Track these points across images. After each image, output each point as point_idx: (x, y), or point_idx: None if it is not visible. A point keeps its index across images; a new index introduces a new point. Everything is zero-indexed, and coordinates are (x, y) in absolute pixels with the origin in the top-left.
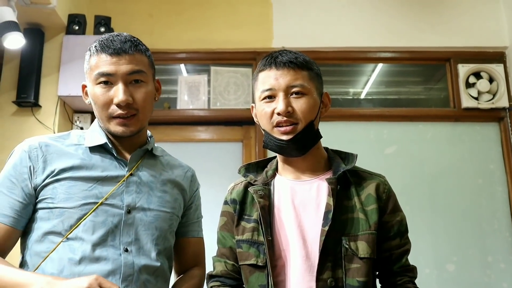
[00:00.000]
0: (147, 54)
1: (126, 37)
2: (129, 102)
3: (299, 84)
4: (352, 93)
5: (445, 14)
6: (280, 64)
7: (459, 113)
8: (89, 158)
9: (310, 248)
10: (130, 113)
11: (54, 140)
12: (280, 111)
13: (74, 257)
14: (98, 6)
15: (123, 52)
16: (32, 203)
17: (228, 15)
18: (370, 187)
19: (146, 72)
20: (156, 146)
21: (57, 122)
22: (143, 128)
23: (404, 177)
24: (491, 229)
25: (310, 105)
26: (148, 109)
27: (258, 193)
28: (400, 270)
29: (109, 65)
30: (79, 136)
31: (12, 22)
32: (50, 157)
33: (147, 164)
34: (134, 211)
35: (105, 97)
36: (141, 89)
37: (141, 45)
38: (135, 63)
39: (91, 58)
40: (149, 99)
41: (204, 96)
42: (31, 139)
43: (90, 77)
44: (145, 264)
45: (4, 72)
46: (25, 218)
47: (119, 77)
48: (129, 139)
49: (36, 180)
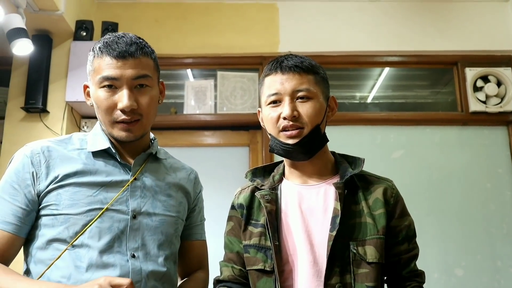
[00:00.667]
0: (153, 57)
1: (131, 39)
2: (133, 108)
3: (304, 88)
4: (359, 97)
5: (453, 18)
6: (285, 69)
7: (466, 117)
8: (93, 163)
9: (318, 253)
10: (134, 118)
11: (56, 144)
12: (286, 116)
13: (81, 265)
14: (106, 12)
15: (129, 55)
16: (35, 210)
17: (234, 20)
18: (378, 192)
19: (152, 76)
20: (160, 148)
21: (65, 127)
22: (146, 133)
23: (412, 182)
24: (500, 234)
25: (316, 109)
26: (152, 114)
27: (265, 197)
28: (408, 275)
29: (114, 69)
30: (81, 140)
31: (21, 28)
32: (53, 162)
33: (150, 168)
34: (139, 216)
35: (109, 102)
36: (146, 94)
37: (146, 47)
38: (140, 67)
39: (94, 59)
40: (154, 104)
41: (210, 101)
42: (32, 144)
43: (94, 79)
44: (153, 270)
45: (13, 78)
46: (28, 225)
47: (123, 81)
48: (132, 143)
49: (40, 186)
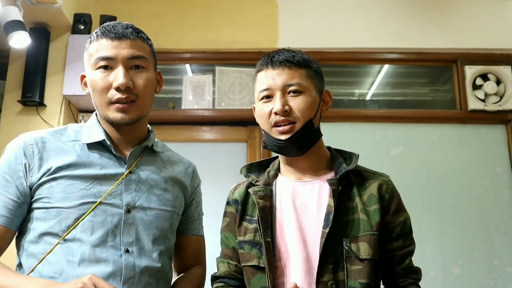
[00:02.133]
0: (149, 43)
1: (127, 24)
2: (129, 86)
3: (295, 82)
4: (358, 94)
5: (453, 16)
6: (276, 64)
7: (465, 115)
8: (87, 155)
9: (311, 250)
10: (130, 99)
11: (51, 135)
12: (277, 111)
13: (73, 259)
14: (104, 6)
15: (124, 36)
16: (27, 202)
17: (233, 15)
18: (373, 187)
19: (148, 58)
20: (157, 141)
21: (62, 121)
22: (142, 117)
23: (410, 179)
24: (497, 232)
25: (307, 103)
26: (149, 97)
27: (258, 194)
28: (403, 272)
29: (110, 49)
30: (77, 132)
31: (18, 21)
32: (47, 154)
33: (146, 161)
34: (134, 210)
35: (104, 82)
36: (142, 74)
37: (142, 33)
38: (136, 48)
39: (91, 44)
40: (150, 86)
41: (209, 96)
42: (26, 135)
43: (90, 62)
44: (147, 265)
45: (10, 71)
46: (20, 217)
47: (119, 61)
48: (128, 132)
49: (32, 178)
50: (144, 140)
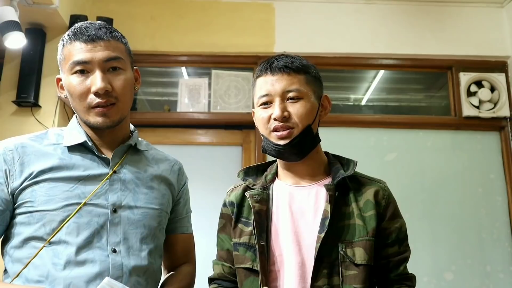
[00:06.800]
0: (123, 42)
1: (100, 24)
2: (108, 90)
3: (294, 88)
4: (353, 99)
5: (448, 23)
6: (275, 70)
7: (460, 121)
8: (69, 157)
9: (306, 255)
10: (110, 102)
11: (31, 140)
12: (276, 117)
13: (58, 262)
14: (101, 8)
15: (98, 38)
16: (9, 209)
17: (230, 19)
18: (369, 193)
19: (124, 58)
20: (140, 140)
21: (57, 122)
22: (123, 119)
23: (404, 185)
24: (490, 239)
25: (306, 109)
26: (128, 98)
27: (254, 197)
28: (397, 278)
29: (84, 52)
30: (57, 135)
31: (14, 21)
32: (28, 159)
33: (131, 160)
34: (120, 210)
35: (82, 87)
36: (120, 76)
37: (116, 32)
38: (111, 49)
39: (64, 48)
40: (129, 87)
41: (204, 99)
42: (6, 141)
43: (65, 67)
44: (135, 265)
45: (5, 71)
46: (2, 225)
47: (95, 64)
48: (110, 134)
49: (13, 184)
50: (127, 140)
